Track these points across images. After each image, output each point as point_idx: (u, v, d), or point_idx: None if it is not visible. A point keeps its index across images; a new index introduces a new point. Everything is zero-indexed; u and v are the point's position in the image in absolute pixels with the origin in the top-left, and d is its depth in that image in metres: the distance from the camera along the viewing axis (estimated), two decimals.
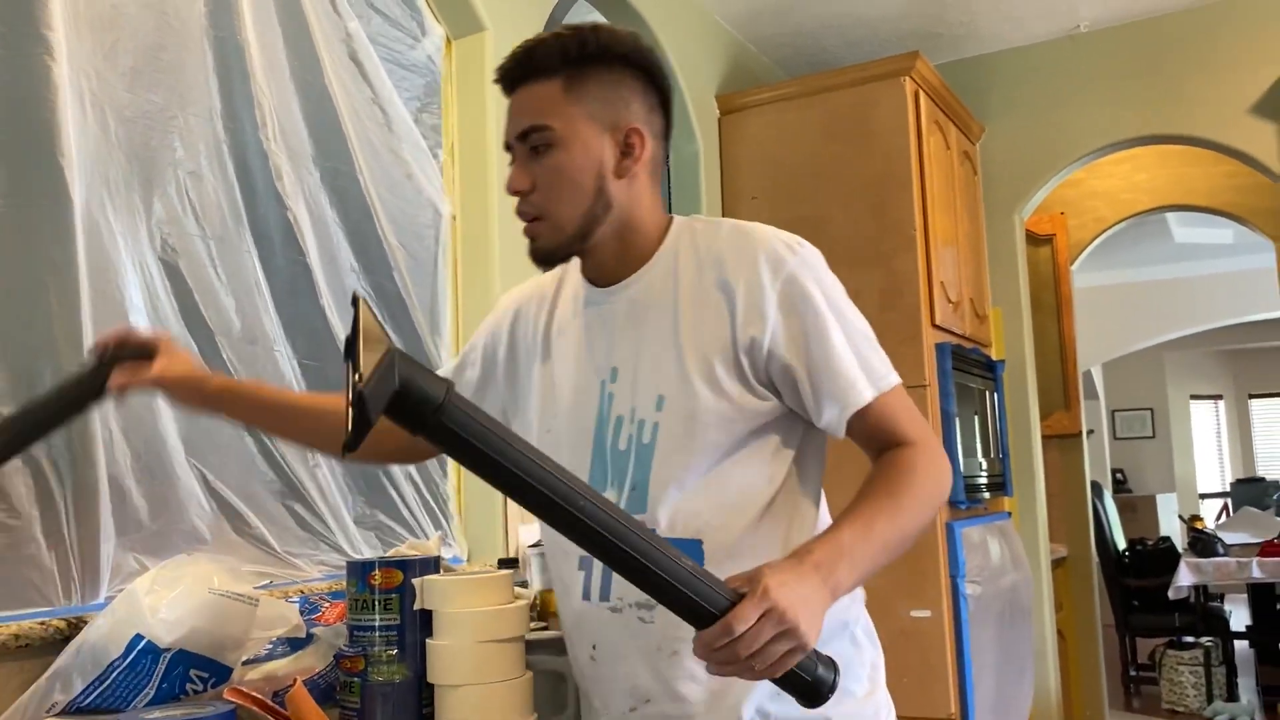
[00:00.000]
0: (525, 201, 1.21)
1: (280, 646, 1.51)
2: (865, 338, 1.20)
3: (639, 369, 1.21)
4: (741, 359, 1.16)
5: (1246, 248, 6.98)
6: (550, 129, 1.18)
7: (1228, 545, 5.89)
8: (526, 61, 1.21)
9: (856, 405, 1.16)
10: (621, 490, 1.20)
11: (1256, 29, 3.66)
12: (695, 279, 1.21)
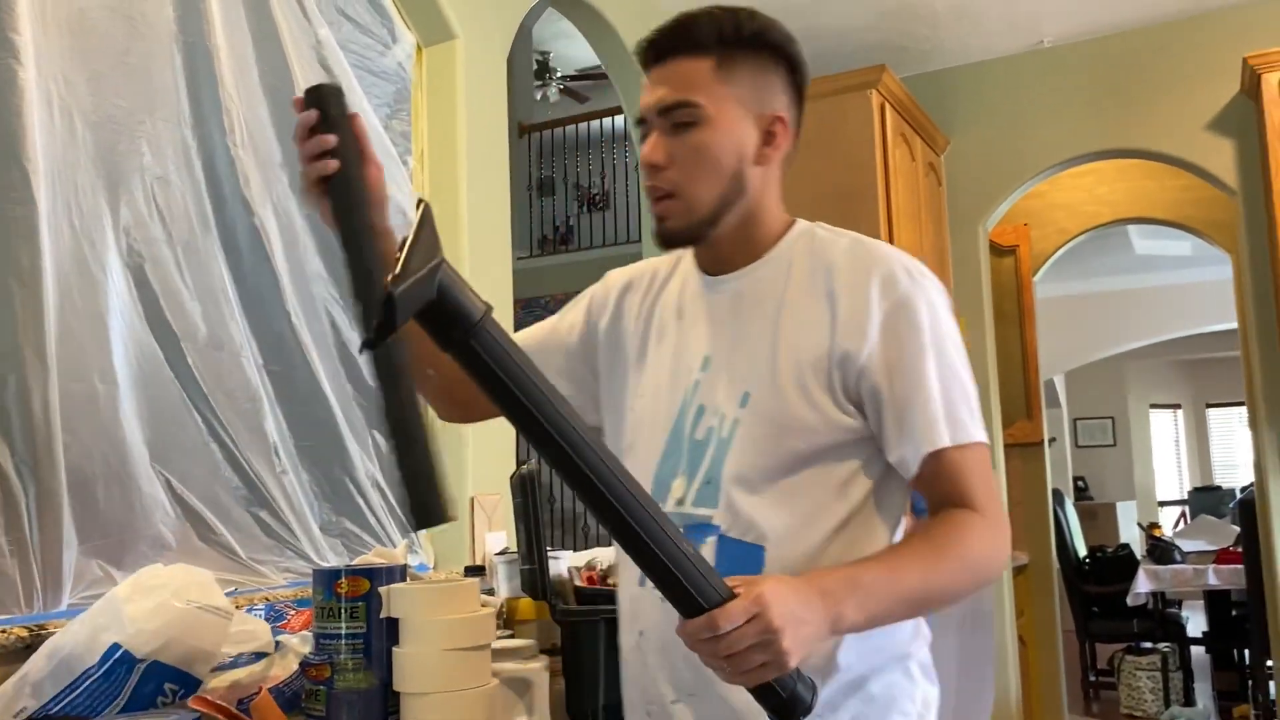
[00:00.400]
0: (659, 177, 1.17)
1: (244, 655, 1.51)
2: (961, 385, 1.14)
3: (731, 362, 1.18)
4: (834, 371, 1.13)
5: (1204, 260, 7.10)
6: (698, 106, 1.15)
7: (1185, 553, 5.98)
8: (681, 35, 1.18)
9: (931, 447, 1.10)
10: (692, 481, 1.17)
11: (1213, 47, 3.73)
12: (805, 284, 1.18)
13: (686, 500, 1.17)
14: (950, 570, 1.07)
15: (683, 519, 1.16)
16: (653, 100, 1.18)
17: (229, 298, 2.06)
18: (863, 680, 1.13)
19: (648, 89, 1.19)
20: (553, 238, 8.72)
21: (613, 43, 3.36)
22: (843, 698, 1.12)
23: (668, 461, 1.19)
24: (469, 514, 2.47)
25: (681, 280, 1.29)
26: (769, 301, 1.19)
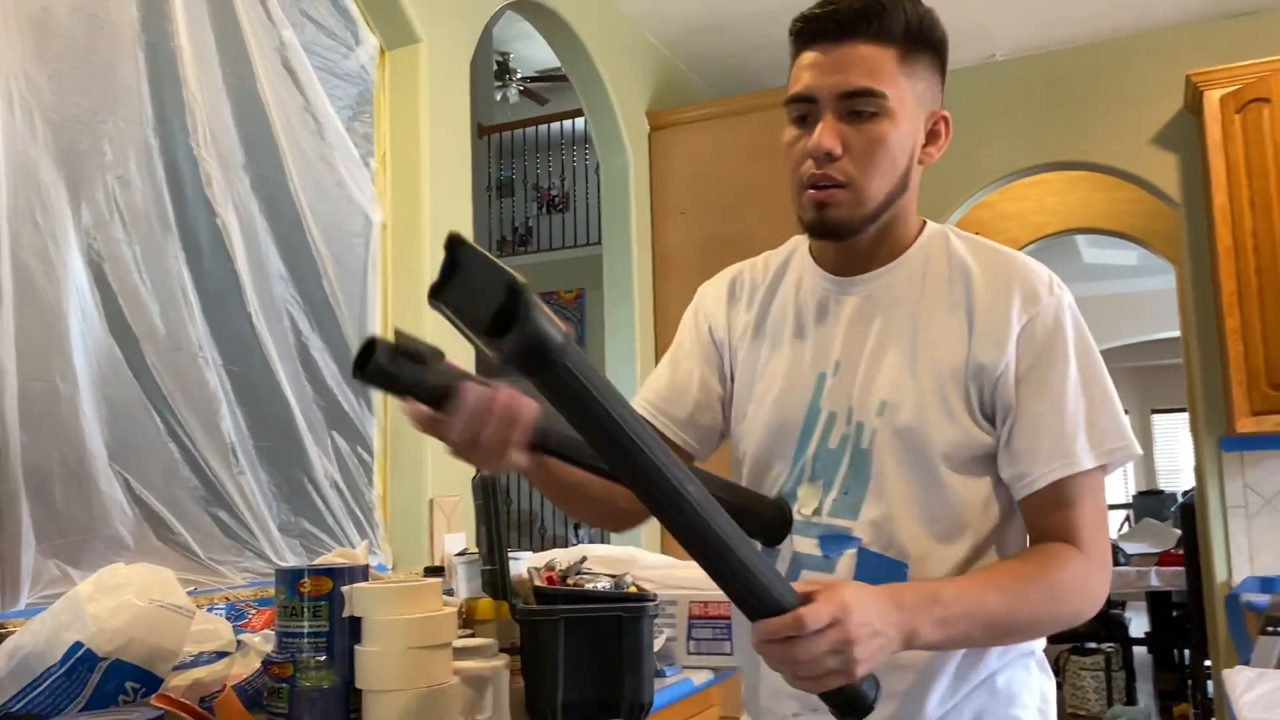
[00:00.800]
0: (831, 165, 1.09)
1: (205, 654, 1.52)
2: (1100, 401, 1.09)
3: (866, 369, 1.13)
4: (969, 384, 1.09)
5: (1150, 269, 7.29)
6: (885, 96, 1.09)
7: (1128, 555, 6.12)
8: (873, 17, 1.09)
9: (1058, 475, 1.06)
10: (829, 490, 1.13)
11: (1158, 64, 3.84)
12: (942, 290, 1.13)
13: (824, 510, 1.14)
14: (1038, 603, 1.04)
15: (820, 529, 1.14)
16: (834, 82, 1.09)
17: (189, 298, 2.06)
18: (991, 678, 1.12)
19: (820, 68, 1.10)
20: (512, 239, 8.72)
21: (573, 46, 3.39)
22: (972, 695, 1.12)
23: (795, 468, 1.16)
24: (428, 515, 2.49)
25: (797, 279, 1.23)
26: (905, 307, 1.14)
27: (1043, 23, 3.81)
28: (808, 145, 1.10)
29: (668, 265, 3.66)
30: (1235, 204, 3.41)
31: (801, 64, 1.13)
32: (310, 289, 2.35)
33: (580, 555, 1.92)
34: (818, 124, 1.10)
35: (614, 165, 3.63)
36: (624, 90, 3.60)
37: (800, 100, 1.12)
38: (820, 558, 1.13)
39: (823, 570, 1.12)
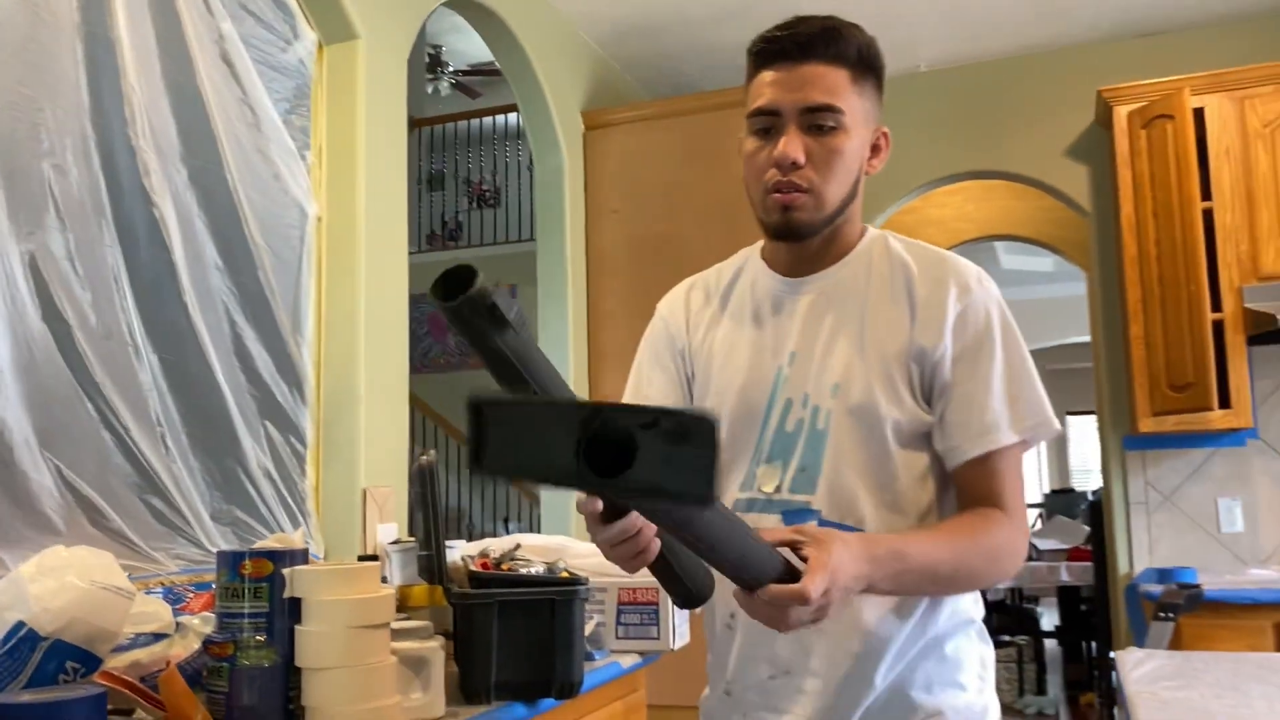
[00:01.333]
0: (796, 173, 1.21)
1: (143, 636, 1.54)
2: (1024, 382, 1.22)
3: (819, 357, 1.25)
4: (911, 365, 1.21)
5: (1064, 276, 7.55)
6: (842, 112, 1.21)
7: (1040, 551, 6.35)
8: (833, 39, 1.22)
9: (986, 448, 1.19)
10: (787, 469, 1.24)
11: (1071, 80, 4.02)
12: (886, 285, 1.26)
13: (784, 488, 1.24)
14: (977, 561, 1.16)
15: (781, 505, 1.24)
16: (797, 98, 1.21)
17: (123, 287, 2.07)
18: (940, 642, 1.23)
19: (782, 84, 1.22)
20: (441, 234, 8.70)
21: (509, 44, 3.44)
22: (921, 659, 1.22)
23: (757, 452, 1.26)
24: (360, 505, 2.53)
25: (752, 281, 1.34)
26: (852, 301, 1.26)
27: (965, 36, 3.96)
28: (774, 154, 1.22)
29: (601, 263, 3.73)
30: (1140, 215, 3.59)
31: (763, 81, 1.24)
32: (245, 280, 2.37)
33: (514, 543, 1.98)
34: (781, 136, 1.22)
35: (549, 163, 3.68)
36: (559, 89, 3.65)
37: (764, 113, 1.23)
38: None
39: None
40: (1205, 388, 3.30)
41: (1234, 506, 3.70)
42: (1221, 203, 3.45)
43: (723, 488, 1.29)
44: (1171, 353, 3.46)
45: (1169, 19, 3.85)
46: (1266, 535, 3.67)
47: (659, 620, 2.05)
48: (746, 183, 1.28)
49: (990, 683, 1.30)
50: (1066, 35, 3.97)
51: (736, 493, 1.28)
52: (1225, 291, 3.41)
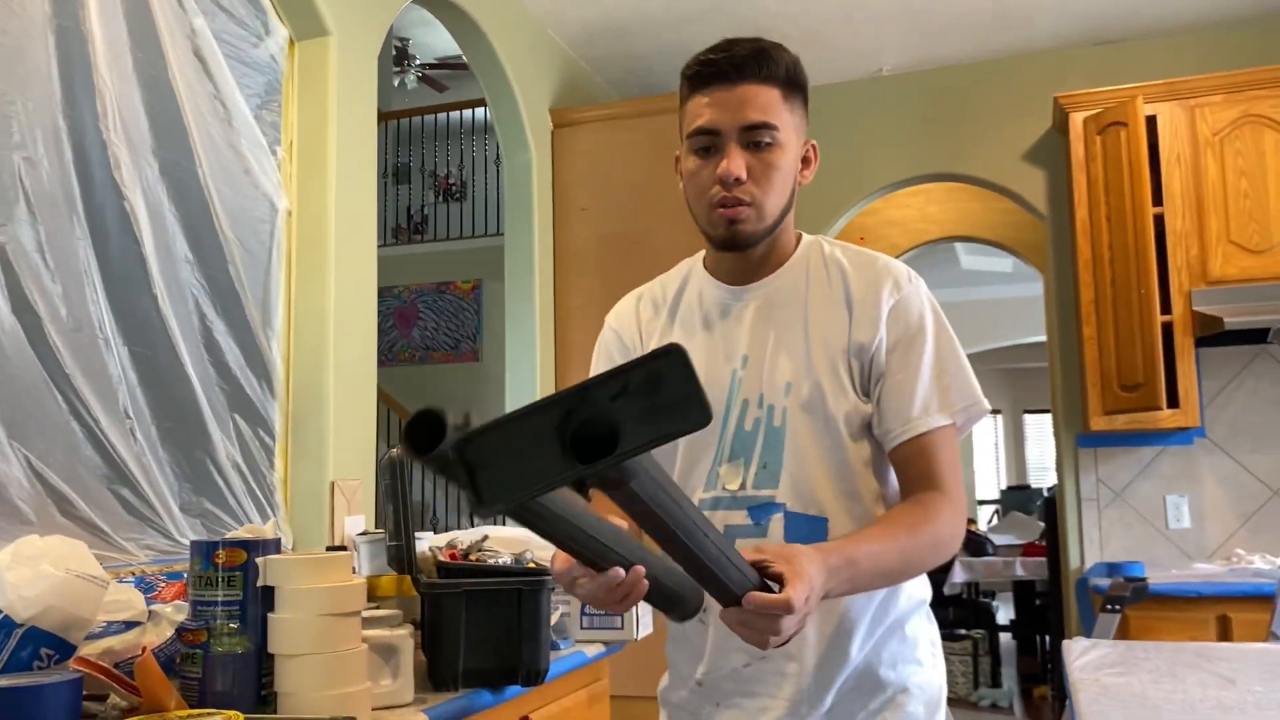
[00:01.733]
0: (739, 188, 1.28)
1: (115, 624, 1.57)
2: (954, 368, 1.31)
3: (770, 359, 1.33)
4: (852, 360, 1.30)
5: (1023, 277, 7.68)
6: (777, 129, 1.29)
7: (996, 546, 6.48)
8: (761, 62, 1.29)
9: (919, 430, 1.27)
10: (749, 466, 1.31)
11: (1029, 86, 4.11)
12: (824, 287, 1.34)
13: (748, 484, 1.31)
14: (921, 551, 1.23)
15: (746, 501, 1.31)
16: (736, 118, 1.28)
17: (92, 279, 2.08)
18: (901, 623, 1.33)
19: (720, 106, 1.29)
20: (407, 227, 8.68)
21: (478, 42, 3.47)
22: (886, 638, 1.32)
23: (718, 452, 1.33)
24: (329, 498, 2.55)
25: (698, 292, 1.41)
26: (795, 304, 1.35)
27: (928, 41, 4.04)
28: (717, 171, 1.29)
29: (568, 260, 3.77)
30: (1095, 219, 3.69)
31: (700, 103, 1.31)
32: (216, 274, 2.39)
33: (481, 534, 2.02)
34: (722, 154, 1.29)
35: (517, 160, 3.71)
36: (528, 87, 3.69)
37: (705, 133, 1.30)
38: (751, 525, 1.31)
39: (755, 535, 1.30)
40: (1154, 388, 3.40)
41: (1181, 503, 3.81)
42: (1172, 208, 3.56)
43: (688, 488, 1.35)
44: (1123, 353, 3.56)
45: (1125, 28, 3.95)
46: (1211, 531, 3.78)
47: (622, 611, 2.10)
48: (689, 199, 1.35)
49: (941, 659, 1.40)
50: (1026, 42, 4.06)
51: (701, 492, 1.34)
52: (1175, 295, 3.51)
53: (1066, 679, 1.77)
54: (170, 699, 1.33)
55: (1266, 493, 3.74)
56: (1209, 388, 3.80)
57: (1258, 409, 3.78)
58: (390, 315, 7.94)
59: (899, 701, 1.31)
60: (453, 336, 7.94)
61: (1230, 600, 3.12)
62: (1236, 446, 3.79)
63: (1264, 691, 1.57)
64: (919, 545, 1.23)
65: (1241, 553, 3.63)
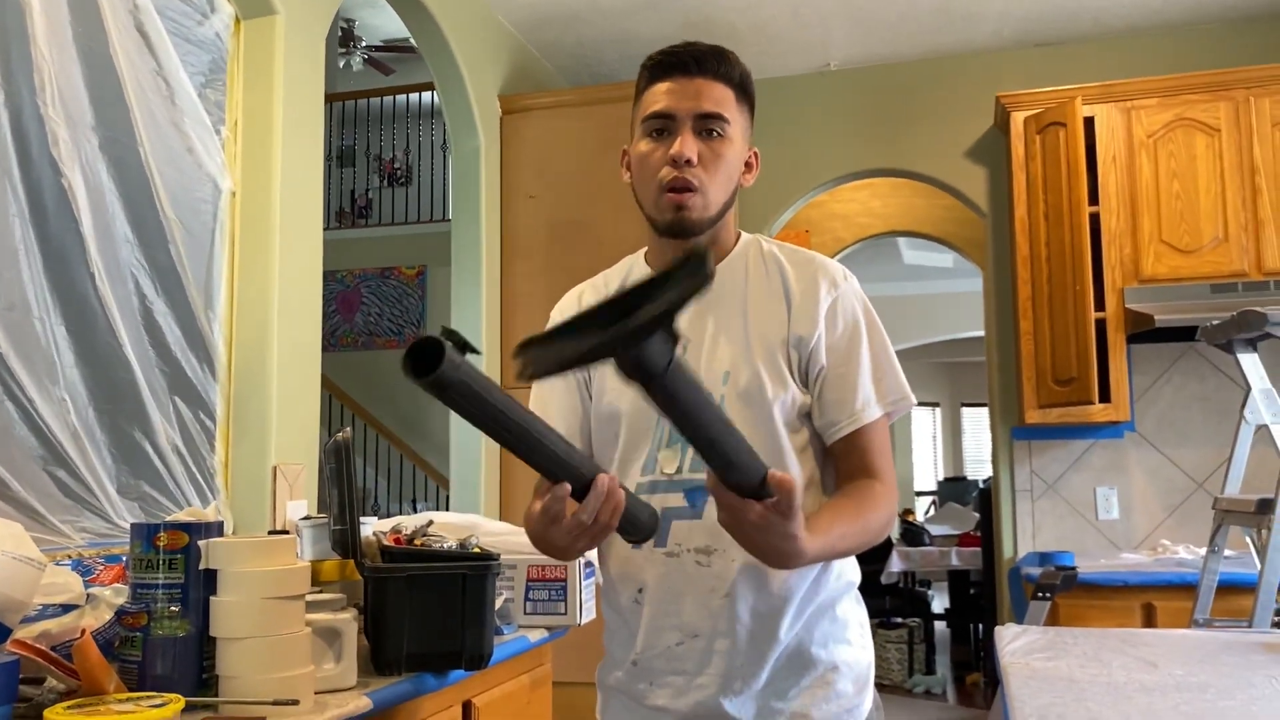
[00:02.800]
0: (688, 171, 1.34)
1: (51, 607, 1.55)
2: (886, 363, 1.39)
3: (709, 347, 1.38)
4: (791, 352, 1.36)
5: (963, 272, 7.82)
6: (729, 123, 1.36)
7: (933, 536, 6.61)
8: (720, 61, 1.36)
9: (859, 423, 1.35)
10: (685, 451, 1.35)
11: (972, 85, 4.19)
12: (763, 282, 1.40)
13: (683, 469, 1.35)
14: (860, 532, 1.31)
15: (683, 484, 1.35)
16: (692, 105, 1.35)
17: (30, 257, 2.04)
18: (831, 604, 1.39)
19: (677, 93, 1.35)
20: (350, 211, 8.59)
21: (427, 25, 3.44)
22: (817, 618, 1.37)
23: (656, 438, 1.38)
24: (270, 482, 2.53)
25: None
26: (735, 296, 1.40)
27: (874, 38, 4.09)
28: (670, 152, 1.35)
29: (515, 247, 3.77)
30: (1033, 216, 3.77)
31: (659, 90, 1.38)
32: (156, 254, 2.35)
33: (426, 519, 2.02)
34: (675, 137, 1.35)
35: (465, 146, 3.70)
36: (477, 72, 3.67)
37: (661, 117, 1.36)
38: (687, 507, 1.35)
39: (690, 517, 1.35)
40: (1087, 382, 3.49)
41: (1111, 495, 3.92)
42: (1108, 208, 3.65)
43: (628, 471, 1.40)
44: (1057, 348, 3.65)
45: (1065, 31, 4.04)
46: (1139, 522, 3.90)
47: (566, 596, 2.12)
48: (637, 183, 1.41)
49: (869, 640, 1.46)
50: (970, 42, 4.14)
51: (639, 476, 1.38)
52: (1109, 292, 3.61)
53: (998, 663, 1.82)
54: (109, 682, 1.32)
55: (1191, 485, 3.86)
56: (1139, 383, 3.91)
57: (1184, 404, 3.90)
58: (333, 300, 7.85)
59: (829, 679, 1.36)
60: (396, 322, 7.88)
61: (1155, 589, 3.22)
62: (1164, 440, 3.91)
63: (1184, 674, 1.63)
64: (858, 528, 1.31)
65: (1167, 543, 3.75)
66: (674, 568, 1.35)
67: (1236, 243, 3.54)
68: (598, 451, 1.47)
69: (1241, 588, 2.75)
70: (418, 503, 7.33)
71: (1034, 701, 1.48)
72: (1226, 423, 3.76)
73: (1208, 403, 3.88)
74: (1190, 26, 4.00)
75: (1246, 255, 3.53)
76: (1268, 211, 3.52)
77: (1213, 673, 1.65)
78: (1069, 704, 1.46)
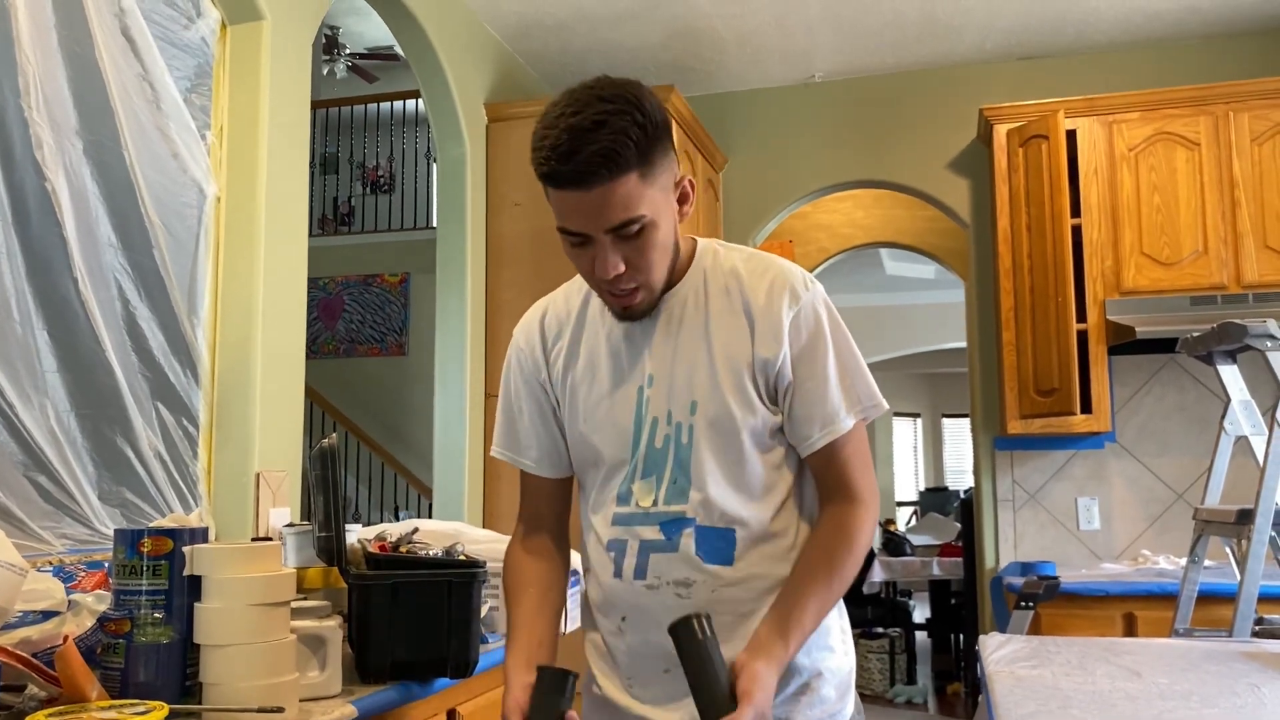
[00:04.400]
0: (623, 279, 1.30)
1: (32, 614, 1.53)
2: (855, 370, 1.37)
3: (674, 376, 1.36)
4: (758, 375, 1.34)
5: (945, 283, 7.86)
6: (643, 217, 1.26)
7: (914, 546, 6.63)
8: (608, 162, 1.21)
9: (832, 436, 1.34)
10: (660, 483, 1.36)
11: (956, 97, 4.22)
12: (722, 296, 1.37)
13: (659, 501, 1.36)
14: (845, 578, 1.33)
15: (659, 517, 1.36)
16: (599, 223, 1.25)
17: (12, 261, 2.03)
18: None
19: (578, 210, 1.25)
20: (333, 218, 8.56)
21: (414, 33, 3.44)
22: None
23: (631, 470, 1.38)
24: (254, 489, 2.51)
25: (600, 309, 1.43)
26: (696, 319, 1.37)
27: (859, 50, 4.12)
28: (595, 270, 1.30)
29: (500, 255, 3.76)
30: (1015, 228, 3.80)
31: (564, 201, 1.26)
32: (140, 258, 2.34)
33: (412, 527, 2.01)
34: (592, 250, 1.29)
35: (451, 153, 3.69)
36: (463, 79, 3.67)
37: (573, 234, 1.29)
38: (664, 540, 1.36)
39: (668, 550, 1.35)
40: (1069, 393, 3.52)
41: (1092, 505, 3.95)
42: (1089, 220, 3.68)
43: (604, 503, 1.41)
44: (1039, 359, 3.67)
45: (1048, 45, 4.08)
46: (1120, 532, 3.92)
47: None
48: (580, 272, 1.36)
49: (851, 646, 1.46)
50: (953, 55, 4.17)
51: (615, 507, 1.39)
52: (1090, 304, 3.63)
53: (982, 672, 1.83)
54: (92, 689, 1.31)
55: (1171, 496, 3.89)
56: (1120, 394, 3.94)
57: (1165, 415, 3.93)
58: (315, 307, 7.82)
59: (813, 685, 1.37)
60: (379, 330, 7.85)
61: (1136, 599, 3.24)
62: (1144, 451, 3.93)
63: (1168, 683, 1.65)
64: (839, 577, 1.32)
65: (1147, 553, 3.77)
66: (655, 600, 1.36)
67: (1216, 256, 3.57)
68: (580, 471, 1.48)
69: (1221, 598, 2.77)
70: (400, 511, 7.30)
71: (1019, 710, 1.48)
72: (1206, 434, 3.80)
73: (1188, 414, 3.91)
74: (1172, 42, 4.05)
75: (1226, 268, 3.56)
76: (1246, 225, 3.56)
77: (1196, 681, 1.66)
78: (1054, 712, 1.47)
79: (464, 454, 3.54)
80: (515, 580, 1.49)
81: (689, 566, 1.34)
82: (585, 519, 1.47)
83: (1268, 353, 2.30)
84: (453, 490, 3.57)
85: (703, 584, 1.34)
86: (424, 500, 7.12)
